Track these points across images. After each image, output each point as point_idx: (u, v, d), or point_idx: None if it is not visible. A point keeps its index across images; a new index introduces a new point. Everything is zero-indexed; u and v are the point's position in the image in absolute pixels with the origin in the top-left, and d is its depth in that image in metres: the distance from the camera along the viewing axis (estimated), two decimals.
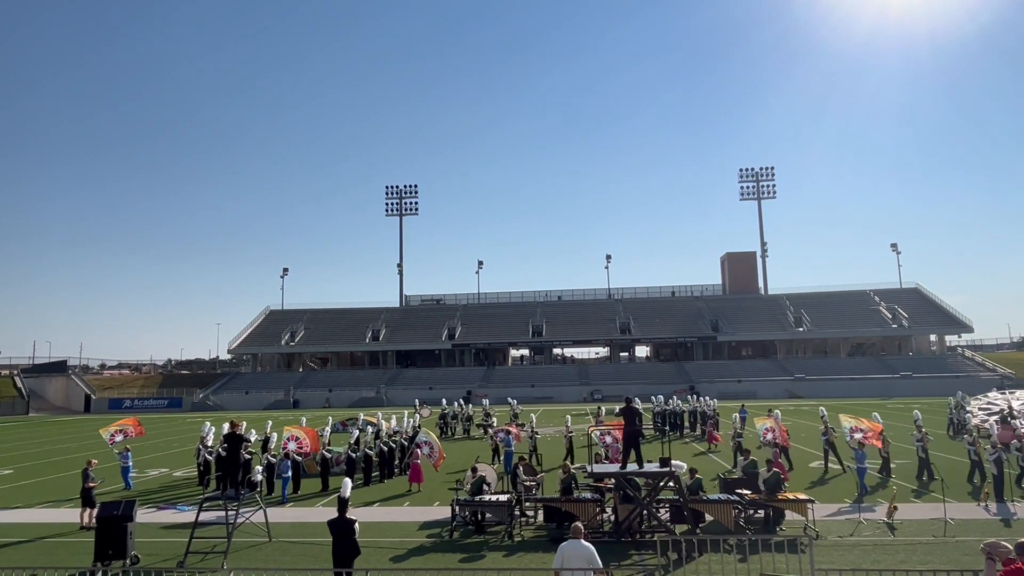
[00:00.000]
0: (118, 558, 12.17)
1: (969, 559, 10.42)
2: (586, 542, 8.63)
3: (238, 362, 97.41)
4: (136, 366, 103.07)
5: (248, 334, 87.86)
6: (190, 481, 22.39)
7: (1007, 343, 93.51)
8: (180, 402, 72.94)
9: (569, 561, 8.33)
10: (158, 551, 13.56)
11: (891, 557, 11.88)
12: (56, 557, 13.37)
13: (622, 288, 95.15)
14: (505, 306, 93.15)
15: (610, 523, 14.22)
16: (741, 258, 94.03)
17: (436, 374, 79.05)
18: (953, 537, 13.12)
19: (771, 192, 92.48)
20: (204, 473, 21.39)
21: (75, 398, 74.86)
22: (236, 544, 13.24)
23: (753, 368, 74.27)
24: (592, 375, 76.31)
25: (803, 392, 64.61)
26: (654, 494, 14.16)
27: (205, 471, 21.36)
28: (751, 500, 14.60)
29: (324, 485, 20.45)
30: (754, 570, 9.55)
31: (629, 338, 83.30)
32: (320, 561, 12.00)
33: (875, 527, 14.08)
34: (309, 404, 68.95)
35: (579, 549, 8.45)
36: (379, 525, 15.28)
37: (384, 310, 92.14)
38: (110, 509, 12.60)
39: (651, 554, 12.24)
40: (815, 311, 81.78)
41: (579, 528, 8.85)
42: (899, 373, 67.39)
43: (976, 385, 56.17)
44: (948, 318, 78.99)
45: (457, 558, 12.61)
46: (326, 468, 21.02)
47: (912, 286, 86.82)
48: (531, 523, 15.04)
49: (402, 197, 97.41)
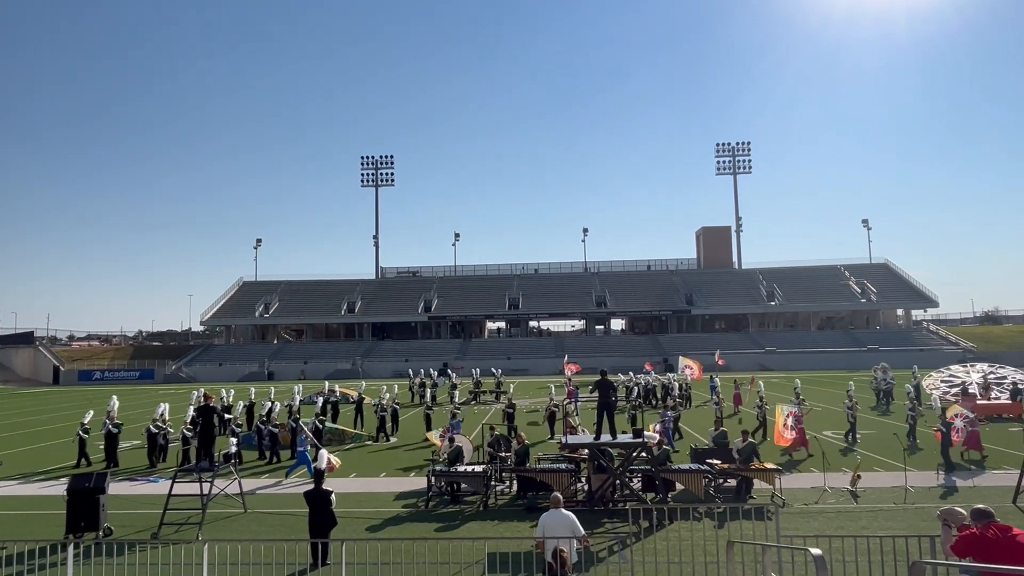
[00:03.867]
0: (90, 530, 12.11)
1: (927, 525, 10.82)
2: (566, 511, 8.81)
3: (211, 334, 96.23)
4: (106, 337, 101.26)
5: (221, 305, 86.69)
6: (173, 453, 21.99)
7: (970, 318, 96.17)
8: (152, 374, 72.02)
9: (551, 530, 8.51)
10: (132, 523, 13.50)
11: (853, 523, 12.30)
12: (27, 530, 13.24)
13: (598, 262, 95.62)
14: (482, 279, 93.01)
15: (584, 493, 14.48)
16: (716, 233, 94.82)
17: (412, 346, 78.97)
18: (913, 504, 13.60)
19: (747, 167, 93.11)
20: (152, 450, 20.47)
21: (43, 370, 73.49)
22: (211, 515, 13.23)
23: (725, 341, 75.34)
24: (568, 348, 76.82)
25: (773, 365, 65.87)
26: (627, 464, 14.42)
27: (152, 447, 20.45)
28: (721, 470, 14.95)
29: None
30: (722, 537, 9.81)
31: (605, 311, 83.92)
32: (297, 532, 12.06)
33: (839, 495, 14.53)
34: (284, 376, 68.52)
35: (560, 518, 8.64)
36: (355, 496, 15.37)
37: (360, 282, 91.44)
38: (81, 481, 12.48)
39: (623, 522, 12.51)
40: (787, 285, 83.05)
41: (558, 498, 9.04)
42: (866, 346, 68.98)
43: (939, 358, 57.77)
44: (915, 293, 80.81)
45: (433, 527, 12.76)
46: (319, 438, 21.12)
47: (881, 262, 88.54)
48: (506, 493, 15.25)
49: (378, 168, 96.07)
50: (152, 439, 20.49)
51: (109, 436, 20.30)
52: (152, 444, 20.46)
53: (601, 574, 9.80)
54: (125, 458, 21.16)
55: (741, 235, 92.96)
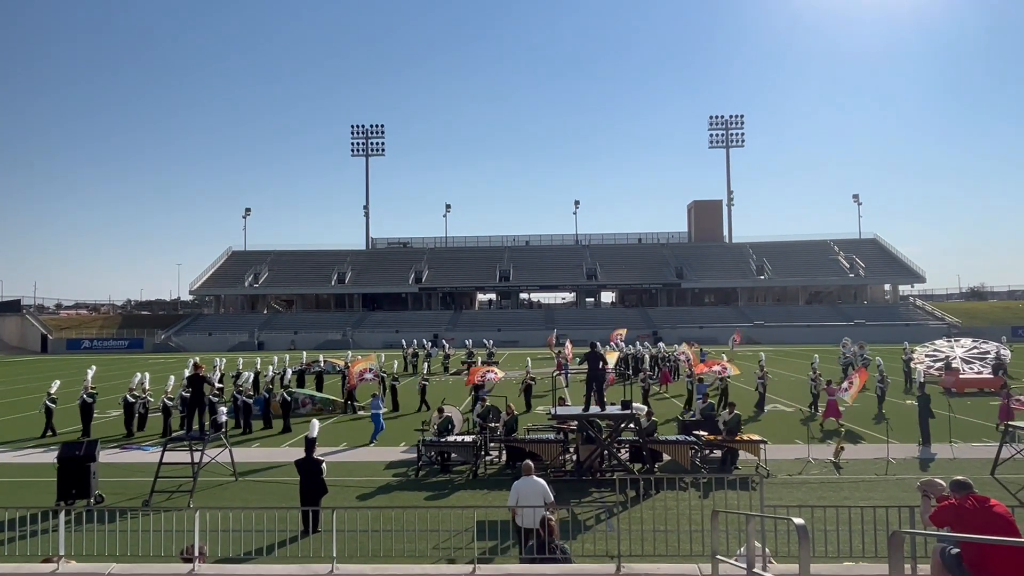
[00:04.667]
0: (81, 497, 12.16)
1: (908, 495, 11.05)
2: (538, 478, 8.99)
3: (200, 303, 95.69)
4: (94, 306, 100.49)
5: (210, 275, 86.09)
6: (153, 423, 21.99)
7: (956, 293, 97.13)
8: (141, 343, 71.76)
9: (525, 497, 8.67)
10: (123, 491, 13.57)
11: (836, 494, 12.56)
12: (18, 497, 13.30)
13: (589, 234, 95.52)
14: (472, 250, 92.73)
15: (572, 463, 14.67)
16: (708, 206, 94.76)
17: (402, 317, 78.96)
18: (894, 476, 13.89)
19: (740, 140, 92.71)
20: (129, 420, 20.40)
21: (31, 338, 73.04)
22: (202, 483, 13.31)
23: (714, 315, 75.90)
24: (558, 320, 77.13)
25: (761, 338, 66.41)
26: (615, 435, 14.60)
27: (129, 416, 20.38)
28: (707, 441, 15.17)
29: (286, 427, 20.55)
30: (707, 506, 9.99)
31: (595, 284, 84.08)
32: (287, 499, 12.17)
33: (822, 466, 14.80)
34: (274, 346, 68.43)
35: (533, 485, 8.82)
36: (346, 465, 15.51)
37: (350, 252, 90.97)
38: (72, 449, 12.51)
39: (610, 492, 12.70)
40: (777, 260, 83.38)
41: (530, 465, 9.27)
42: (853, 321, 69.56)
43: (924, 333, 58.43)
44: (903, 268, 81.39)
45: (423, 496, 12.92)
46: (287, 409, 21.26)
47: (870, 237, 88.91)
48: (495, 463, 15.42)
49: (368, 137, 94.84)
50: (129, 408, 20.38)
51: (84, 406, 20.07)
52: (129, 413, 20.35)
53: (588, 542, 9.98)
54: (102, 428, 20.96)
55: (732, 209, 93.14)
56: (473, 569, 6.51)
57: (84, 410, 20.07)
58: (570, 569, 6.73)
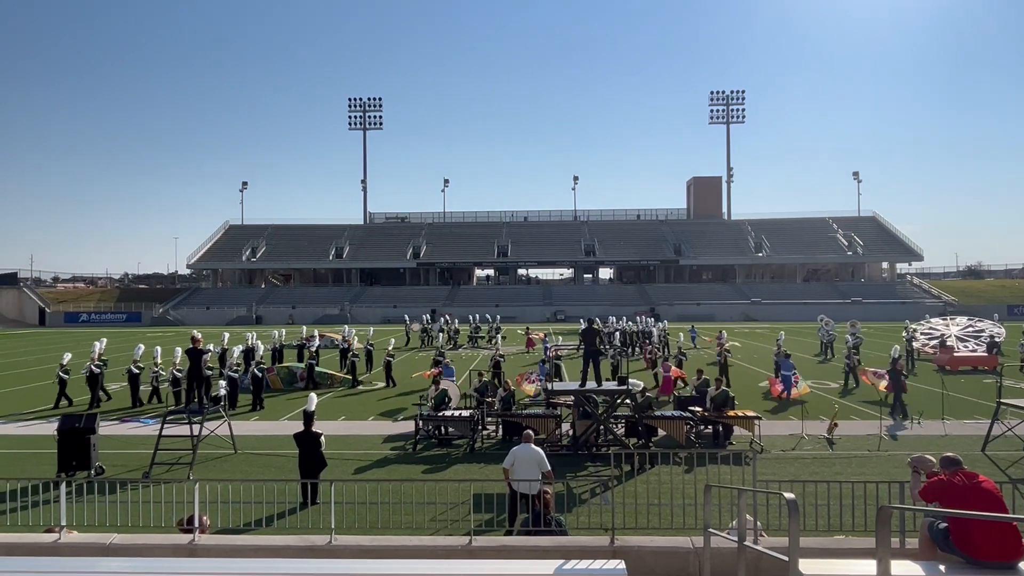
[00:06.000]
0: (82, 468, 12.28)
1: (898, 471, 11.20)
2: (535, 446, 9.21)
3: (197, 277, 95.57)
4: (91, 279, 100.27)
5: (207, 249, 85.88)
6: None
7: (953, 271, 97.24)
8: (139, 316, 71.82)
9: (520, 461, 8.91)
10: (123, 462, 13.71)
11: (828, 469, 12.72)
12: (19, 468, 13.43)
13: (588, 210, 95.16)
14: (471, 225, 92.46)
15: (568, 437, 14.83)
16: (707, 183, 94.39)
17: (400, 292, 79.00)
18: (886, 452, 14.05)
19: (740, 116, 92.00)
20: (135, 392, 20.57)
21: (29, 311, 73.06)
22: (201, 456, 13.43)
23: (712, 292, 76.02)
24: (556, 296, 77.27)
25: (758, 315, 66.66)
26: (611, 410, 14.73)
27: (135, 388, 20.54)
28: (702, 416, 15.31)
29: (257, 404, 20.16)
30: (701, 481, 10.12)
31: (593, 260, 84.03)
32: (286, 472, 12.30)
33: (815, 442, 14.96)
34: (272, 320, 68.55)
35: (530, 452, 9.04)
36: (344, 438, 15.64)
37: (348, 227, 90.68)
38: (72, 422, 12.59)
39: (605, 466, 12.85)
40: (775, 237, 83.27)
41: (530, 434, 9.56)
42: (850, 299, 69.74)
43: (921, 311, 58.54)
44: (901, 246, 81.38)
45: (420, 469, 13.06)
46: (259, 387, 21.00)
47: (869, 215, 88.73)
48: (492, 437, 15.57)
49: (366, 111, 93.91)
50: (134, 380, 20.58)
51: (92, 377, 20.37)
52: (134, 385, 20.57)
53: (583, 515, 10.13)
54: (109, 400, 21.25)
55: (732, 185, 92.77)
56: (469, 541, 6.62)
57: (92, 380, 20.40)
58: (565, 541, 6.84)
